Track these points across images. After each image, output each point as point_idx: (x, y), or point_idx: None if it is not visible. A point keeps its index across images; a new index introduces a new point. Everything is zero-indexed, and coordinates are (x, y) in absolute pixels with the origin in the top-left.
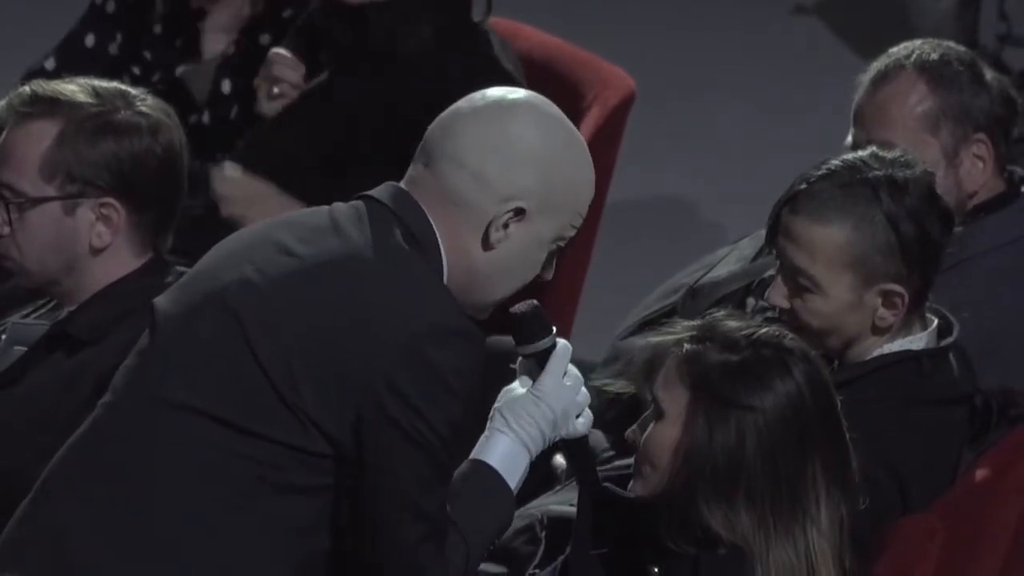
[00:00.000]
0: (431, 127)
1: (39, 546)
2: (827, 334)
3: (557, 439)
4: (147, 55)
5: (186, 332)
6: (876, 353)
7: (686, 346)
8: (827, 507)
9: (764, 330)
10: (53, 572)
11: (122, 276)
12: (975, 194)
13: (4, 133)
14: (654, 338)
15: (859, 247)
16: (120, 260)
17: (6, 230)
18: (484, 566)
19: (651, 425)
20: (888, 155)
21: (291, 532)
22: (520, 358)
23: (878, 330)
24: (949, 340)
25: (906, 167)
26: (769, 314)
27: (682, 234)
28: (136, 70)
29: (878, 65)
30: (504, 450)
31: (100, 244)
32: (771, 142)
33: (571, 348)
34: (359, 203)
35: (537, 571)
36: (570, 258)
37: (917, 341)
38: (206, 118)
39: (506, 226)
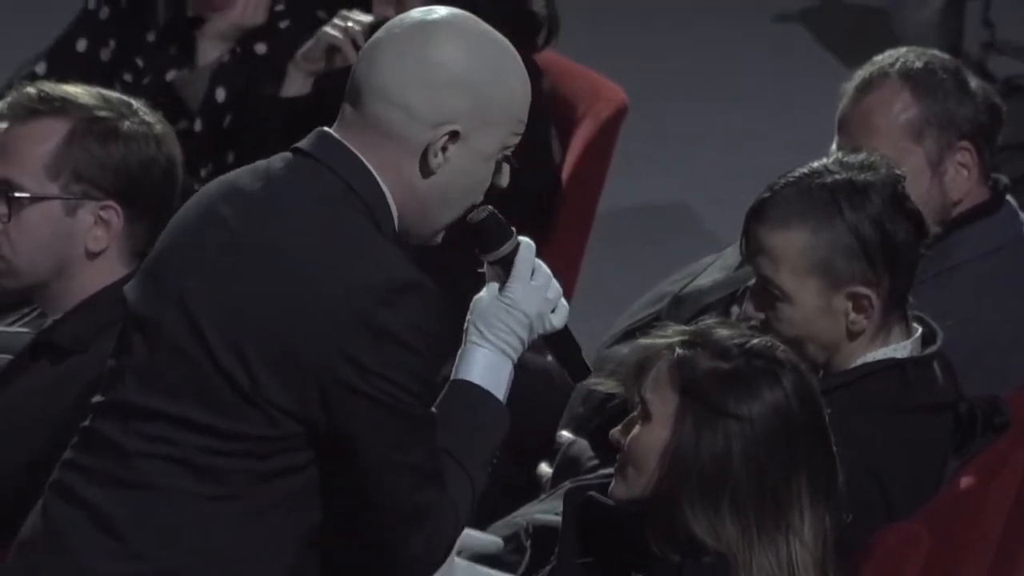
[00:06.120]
0: (355, 63)
1: (39, 543)
2: (803, 343)
3: (536, 338)
4: (139, 62)
5: (147, 333)
6: (859, 361)
7: (678, 350)
8: (811, 519)
9: (756, 340)
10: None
11: (108, 284)
12: (959, 202)
13: (4, 129)
14: (645, 340)
15: (820, 251)
16: (110, 267)
17: (0, 227)
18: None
19: (637, 427)
20: (852, 159)
21: (285, 510)
22: (486, 263)
23: (853, 335)
24: (933, 348)
25: (868, 170)
26: (753, 322)
27: (671, 242)
28: (128, 77)
29: (862, 73)
30: (485, 364)
31: (96, 248)
32: (758, 151)
33: (534, 245)
34: (289, 157)
35: None
36: (560, 265)
37: (901, 349)
38: (198, 126)
39: (444, 149)
